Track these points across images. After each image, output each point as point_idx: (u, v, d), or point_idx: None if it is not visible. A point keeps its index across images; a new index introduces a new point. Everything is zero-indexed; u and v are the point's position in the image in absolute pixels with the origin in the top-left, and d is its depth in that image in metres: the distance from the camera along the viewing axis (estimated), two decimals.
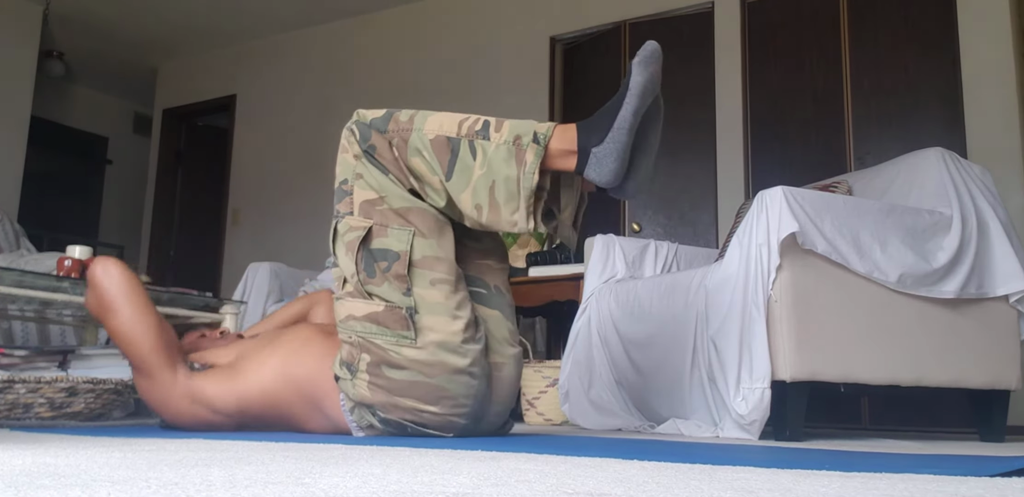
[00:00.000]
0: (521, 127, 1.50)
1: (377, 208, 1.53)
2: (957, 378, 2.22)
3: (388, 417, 1.53)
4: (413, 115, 1.55)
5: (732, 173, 3.98)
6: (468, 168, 1.49)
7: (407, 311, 1.49)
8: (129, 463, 0.89)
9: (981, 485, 0.78)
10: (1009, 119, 3.38)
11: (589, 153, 1.46)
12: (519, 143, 1.47)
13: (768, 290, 2.00)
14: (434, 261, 1.52)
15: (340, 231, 1.56)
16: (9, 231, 4.14)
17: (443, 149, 1.50)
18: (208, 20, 5.61)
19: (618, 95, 1.49)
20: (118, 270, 1.66)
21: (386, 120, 1.55)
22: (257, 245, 5.57)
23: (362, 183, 1.55)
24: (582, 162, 1.47)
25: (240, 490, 0.65)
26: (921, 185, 2.41)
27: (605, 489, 0.70)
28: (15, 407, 2.05)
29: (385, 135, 1.54)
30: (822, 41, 3.88)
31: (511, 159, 1.47)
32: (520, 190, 1.46)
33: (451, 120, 1.53)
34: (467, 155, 1.49)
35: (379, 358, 1.50)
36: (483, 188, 1.48)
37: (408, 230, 1.52)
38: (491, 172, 1.47)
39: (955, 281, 2.21)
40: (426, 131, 1.52)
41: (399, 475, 0.79)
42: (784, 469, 0.92)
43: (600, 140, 1.46)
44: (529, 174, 1.46)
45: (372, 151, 1.54)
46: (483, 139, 1.49)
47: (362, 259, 1.52)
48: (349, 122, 1.60)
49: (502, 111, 4.66)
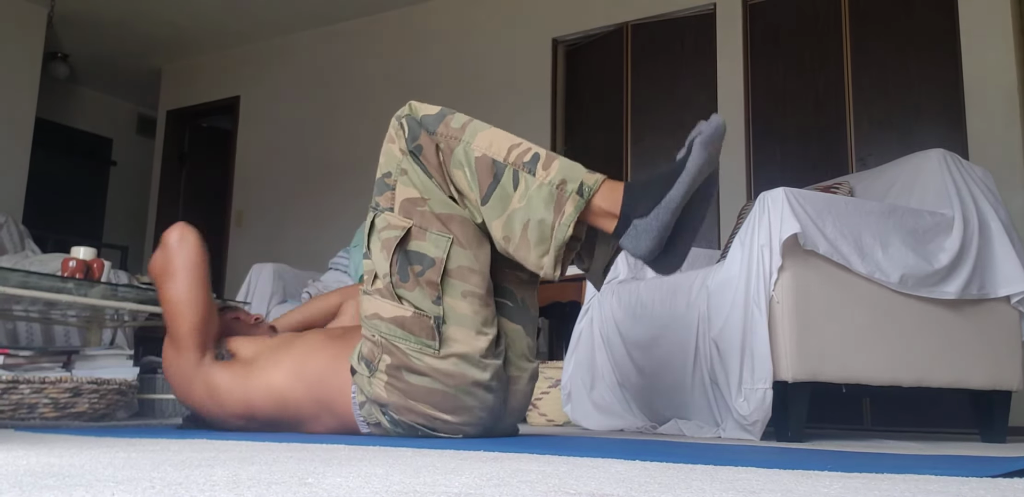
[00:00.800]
0: (570, 171, 1.43)
1: (418, 209, 1.50)
2: (958, 379, 2.22)
3: (400, 418, 1.52)
4: (466, 124, 1.50)
5: (734, 174, 3.98)
6: (507, 197, 1.43)
7: (435, 321, 1.47)
8: (133, 463, 0.89)
9: (983, 486, 0.78)
10: (1010, 120, 3.38)
11: (631, 222, 1.39)
12: (563, 189, 1.40)
13: (770, 291, 2.00)
14: (468, 272, 1.49)
15: (378, 226, 1.53)
16: (14, 232, 4.15)
17: (486, 171, 1.45)
18: (212, 22, 5.62)
19: (675, 167, 1.40)
20: (193, 239, 1.67)
21: (437, 120, 1.50)
22: (261, 246, 5.57)
23: (406, 180, 1.51)
24: (621, 229, 1.40)
25: (244, 490, 0.65)
26: (923, 186, 2.41)
27: (607, 489, 0.70)
28: (20, 407, 2.06)
29: (433, 137, 1.50)
30: (823, 43, 3.88)
31: (551, 203, 1.41)
32: (552, 237, 1.41)
33: (501, 142, 1.47)
34: (509, 184, 1.43)
35: (400, 362, 1.49)
36: (517, 222, 1.43)
37: (447, 237, 1.49)
38: (529, 209, 1.42)
39: (956, 282, 2.21)
40: (474, 146, 1.47)
41: (402, 475, 0.79)
42: (786, 470, 0.93)
43: (645, 211, 1.38)
44: (564, 225, 1.40)
45: (418, 151, 1.50)
46: (528, 173, 1.43)
47: (397, 261, 1.49)
48: (400, 112, 1.55)
49: (504, 112, 4.67)
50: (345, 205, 5.22)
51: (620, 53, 4.43)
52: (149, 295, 2.70)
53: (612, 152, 4.36)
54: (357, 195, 5.23)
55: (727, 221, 3.88)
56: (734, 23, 4.12)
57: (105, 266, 2.61)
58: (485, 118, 1.64)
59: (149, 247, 6.23)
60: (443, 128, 1.49)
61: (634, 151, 4.31)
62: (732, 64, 4.09)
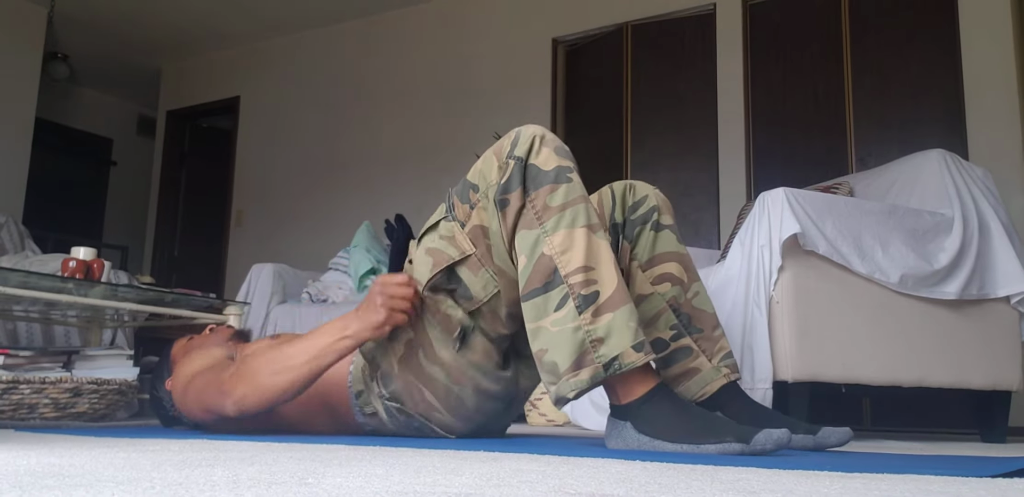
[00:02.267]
0: (616, 336, 1.23)
1: (485, 241, 1.39)
2: (958, 379, 2.22)
3: (400, 407, 1.50)
4: (566, 205, 1.30)
5: (734, 174, 3.99)
6: (545, 311, 1.28)
7: (461, 332, 1.43)
8: (133, 463, 0.89)
9: (983, 486, 0.78)
10: (1011, 121, 3.38)
11: (625, 417, 1.25)
12: (595, 348, 1.23)
13: (770, 291, 2.01)
14: (495, 319, 1.44)
15: (441, 231, 1.43)
16: (14, 232, 4.15)
17: (542, 274, 1.29)
18: (212, 22, 5.62)
19: (700, 427, 1.21)
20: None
21: (542, 183, 1.31)
22: (260, 246, 5.58)
23: (488, 211, 1.39)
24: (618, 413, 1.27)
25: (243, 490, 0.65)
26: (923, 186, 2.41)
27: (607, 490, 0.70)
28: (20, 407, 2.06)
29: (524, 197, 1.33)
30: (823, 42, 3.89)
31: (573, 355, 1.24)
32: (559, 384, 1.25)
33: (577, 255, 1.27)
34: (554, 301, 1.27)
35: (419, 343, 1.46)
36: (539, 341, 1.28)
37: (496, 287, 1.40)
38: (553, 342, 1.26)
39: (956, 282, 2.21)
40: (548, 241, 1.29)
41: (402, 475, 0.79)
42: (785, 470, 0.93)
43: (642, 427, 1.23)
44: (572, 386, 1.24)
45: (502, 205, 1.35)
46: (577, 307, 1.25)
47: (439, 278, 1.42)
48: (518, 140, 1.35)
49: (503, 112, 4.68)
50: (345, 205, 5.23)
51: (620, 53, 4.43)
52: (149, 295, 2.70)
53: (612, 152, 4.36)
54: (357, 195, 5.24)
55: (727, 221, 3.89)
56: (734, 23, 4.12)
57: (105, 266, 2.61)
58: (485, 118, 1.62)
59: (149, 247, 6.24)
60: (540, 197, 1.31)
61: (634, 151, 4.31)
62: (732, 64, 4.09)
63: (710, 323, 1.55)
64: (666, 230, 1.58)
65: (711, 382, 1.50)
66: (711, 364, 1.51)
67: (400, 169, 5.09)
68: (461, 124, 4.90)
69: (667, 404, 1.24)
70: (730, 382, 1.50)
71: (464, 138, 4.80)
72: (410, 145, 5.10)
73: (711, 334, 1.55)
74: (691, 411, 1.24)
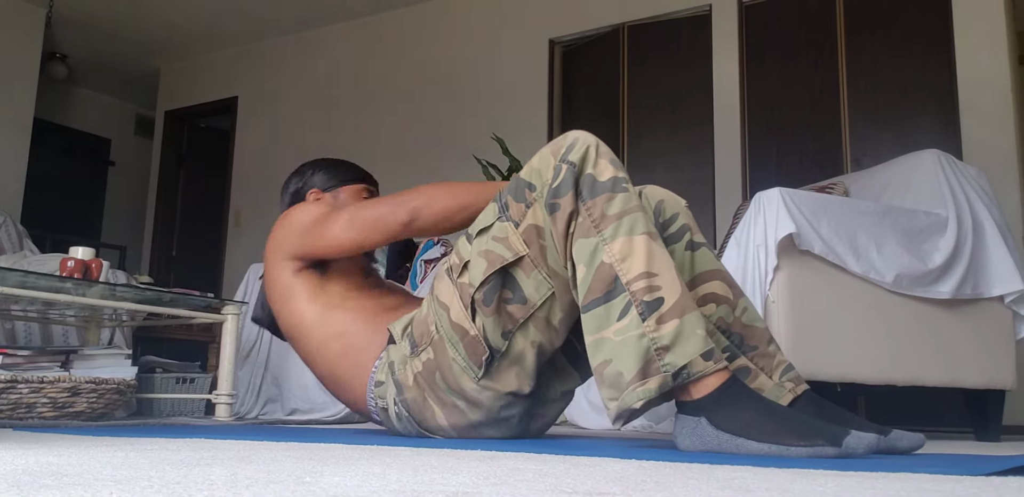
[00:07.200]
0: (684, 344, 1.18)
1: (539, 241, 1.35)
2: (953, 378, 2.23)
3: (410, 416, 1.49)
4: (622, 214, 1.27)
5: (729, 174, 3.99)
6: (607, 321, 1.22)
7: (489, 355, 1.38)
8: (131, 463, 0.90)
9: (977, 484, 0.78)
10: (1004, 121, 3.39)
11: (698, 416, 1.19)
12: (660, 356, 1.18)
13: (765, 291, 2.01)
14: (548, 327, 1.39)
15: (495, 234, 1.38)
16: (12, 232, 4.14)
17: (603, 282, 1.24)
18: (210, 22, 5.62)
19: (798, 428, 1.13)
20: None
21: (599, 192, 1.29)
22: (258, 246, 5.57)
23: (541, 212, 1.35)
24: (687, 409, 1.21)
25: (241, 489, 0.66)
26: (917, 187, 2.42)
27: (604, 488, 0.71)
28: (18, 407, 2.06)
29: (577, 202, 1.30)
30: (819, 43, 3.90)
31: (639, 362, 1.18)
32: (622, 397, 1.20)
33: (638, 262, 1.23)
34: (617, 310, 1.22)
35: (439, 364, 1.43)
36: (602, 352, 1.22)
37: (550, 287, 1.36)
38: (616, 351, 1.21)
39: (951, 282, 2.22)
40: (606, 250, 1.25)
41: (399, 474, 0.80)
42: (781, 468, 0.93)
43: (719, 422, 1.16)
44: (638, 396, 1.18)
45: (552, 210, 1.32)
46: (641, 314, 1.20)
47: (490, 281, 1.36)
48: (575, 145, 1.33)
49: (501, 113, 4.68)
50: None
51: (616, 54, 4.44)
52: (147, 295, 2.70)
53: None
54: None
55: (723, 221, 3.89)
56: (730, 24, 4.13)
57: (103, 266, 2.61)
58: (483, 118, 1.62)
59: (147, 247, 6.23)
60: (597, 206, 1.28)
61: (631, 151, 4.32)
62: (728, 65, 4.10)
63: (763, 338, 1.48)
64: (703, 248, 1.50)
65: (777, 399, 1.43)
66: (773, 381, 1.45)
67: (397, 169, 5.09)
68: (458, 124, 4.90)
69: (745, 397, 1.17)
70: (797, 396, 1.43)
71: (461, 138, 4.80)
72: (407, 145, 5.10)
73: (766, 350, 1.47)
74: (771, 407, 1.17)
